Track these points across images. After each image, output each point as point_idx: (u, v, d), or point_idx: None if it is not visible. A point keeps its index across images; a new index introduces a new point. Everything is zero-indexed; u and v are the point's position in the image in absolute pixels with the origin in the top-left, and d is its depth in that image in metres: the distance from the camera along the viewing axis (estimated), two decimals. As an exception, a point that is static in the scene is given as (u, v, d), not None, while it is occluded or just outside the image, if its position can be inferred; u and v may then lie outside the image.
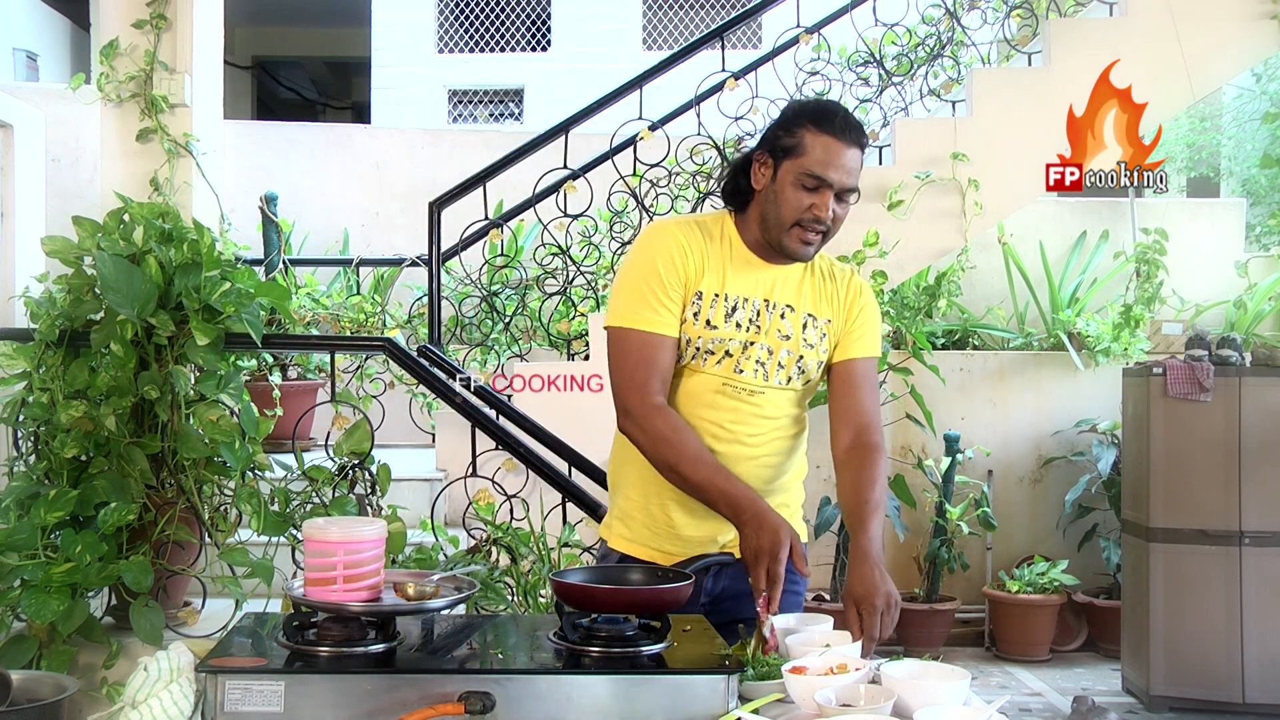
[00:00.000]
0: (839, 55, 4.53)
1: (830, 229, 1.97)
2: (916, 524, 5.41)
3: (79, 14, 8.50)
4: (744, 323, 1.99)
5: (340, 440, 3.12)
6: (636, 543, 2.06)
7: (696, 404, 2.01)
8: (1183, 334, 5.42)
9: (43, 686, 2.24)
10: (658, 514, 2.03)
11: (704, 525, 2.02)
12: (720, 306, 1.98)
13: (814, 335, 2.05)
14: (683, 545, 2.03)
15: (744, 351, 1.99)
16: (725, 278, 2.00)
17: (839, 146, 1.91)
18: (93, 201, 4.48)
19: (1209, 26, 4.27)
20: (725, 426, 2.01)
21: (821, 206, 1.92)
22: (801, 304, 2.04)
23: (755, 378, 2.00)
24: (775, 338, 2.01)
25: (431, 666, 1.61)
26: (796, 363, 2.04)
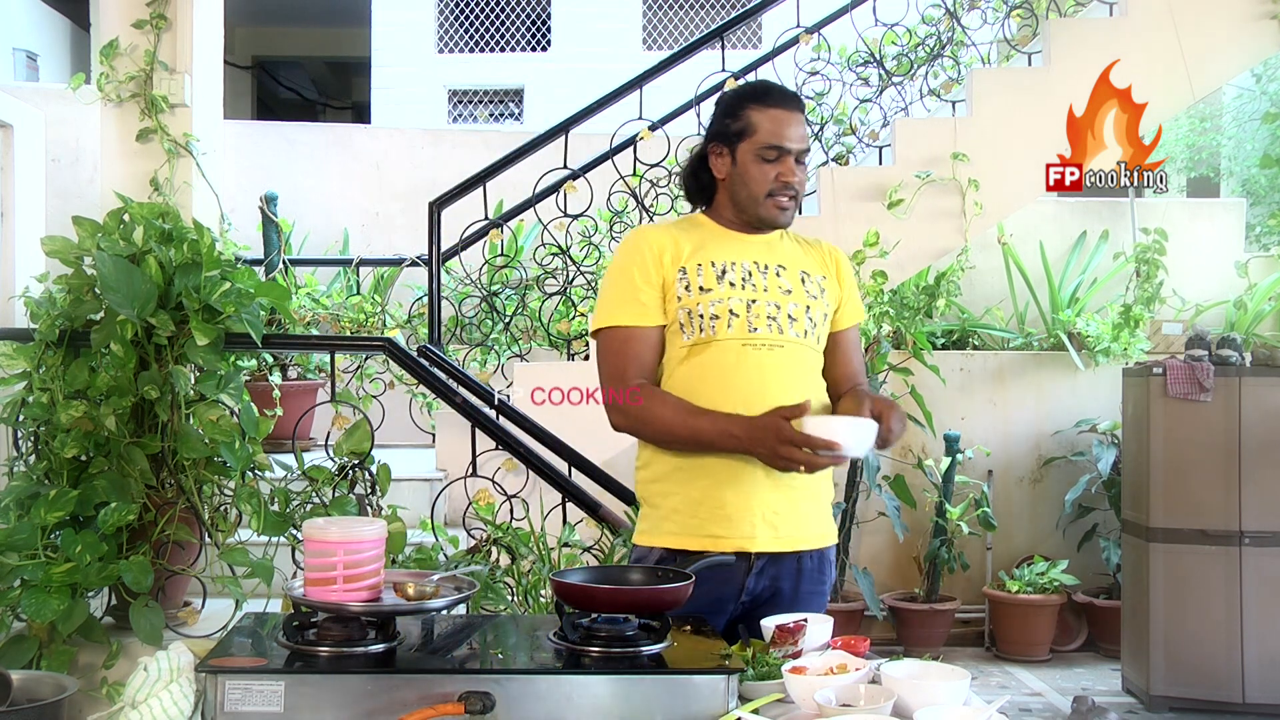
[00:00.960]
0: (839, 55, 4.53)
1: (799, 195, 2.08)
2: (916, 524, 5.41)
3: (79, 14, 8.50)
4: (737, 282, 2.04)
5: (340, 440, 3.12)
6: (684, 534, 2.03)
7: (722, 371, 2.01)
8: (1183, 334, 5.41)
9: (43, 686, 2.24)
10: (703, 499, 2.02)
11: (746, 499, 2.00)
12: (709, 271, 2.04)
13: (814, 288, 2.10)
14: (729, 526, 2.01)
15: (749, 310, 2.02)
16: (708, 250, 2.07)
17: (786, 114, 2.05)
18: (93, 201, 4.48)
19: (1209, 26, 4.27)
20: (757, 387, 1.99)
21: (787, 172, 2.04)
22: (792, 263, 2.11)
23: (771, 332, 2.03)
24: (778, 293, 2.06)
25: (431, 666, 1.61)
26: (806, 313, 2.07)
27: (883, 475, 5.23)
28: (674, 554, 2.03)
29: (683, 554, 2.00)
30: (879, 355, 5.13)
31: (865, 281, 4.11)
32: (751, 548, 2.02)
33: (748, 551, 2.02)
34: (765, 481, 2.00)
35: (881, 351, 5.14)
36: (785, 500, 2.03)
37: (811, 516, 2.08)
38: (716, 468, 2.00)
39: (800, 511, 2.05)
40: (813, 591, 2.06)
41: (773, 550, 2.03)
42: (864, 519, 5.30)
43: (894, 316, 5.22)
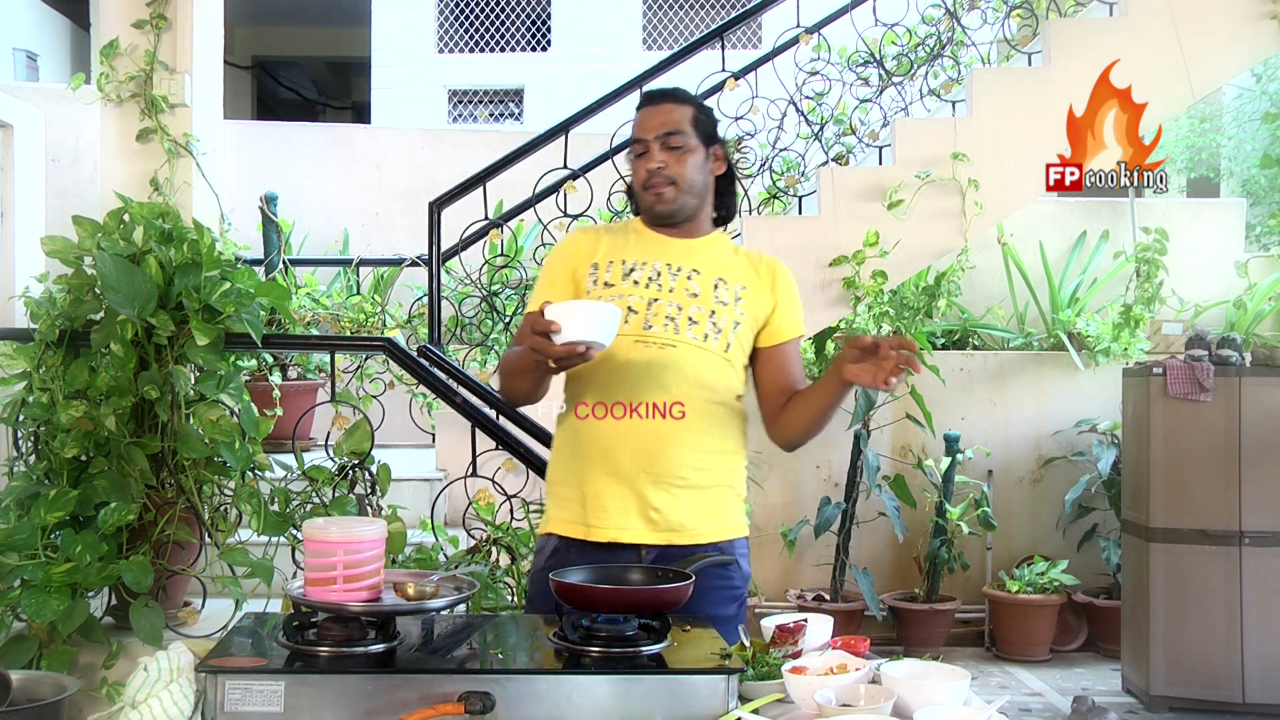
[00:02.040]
0: (839, 55, 4.53)
1: (677, 178, 2.11)
2: (916, 524, 5.41)
3: (79, 14, 8.50)
4: (642, 280, 2.10)
5: (340, 440, 3.12)
6: (572, 522, 2.10)
7: (612, 364, 2.07)
8: (1183, 334, 5.42)
9: (43, 686, 2.24)
10: (587, 489, 2.08)
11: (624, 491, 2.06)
12: (617, 268, 2.12)
13: (726, 295, 2.13)
14: (604, 517, 2.07)
15: (649, 308, 2.09)
16: (626, 250, 2.15)
17: (646, 110, 2.16)
18: (93, 201, 4.48)
19: (1209, 26, 4.27)
20: (641, 382, 2.06)
21: (649, 159, 2.12)
22: (711, 269, 2.15)
23: (666, 331, 2.08)
24: (683, 295, 2.11)
25: (431, 666, 1.61)
26: (709, 318, 2.10)
27: (883, 475, 5.23)
28: (565, 541, 2.10)
29: (570, 541, 2.09)
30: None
31: (865, 281, 4.11)
32: (624, 539, 2.06)
33: (635, 544, 2.07)
34: (647, 476, 2.05)
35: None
36: (668, 495, 2.06)
37: (704, 511, 2.10)
38: (602, 460, 2.06)
39: (687, 506, 2.08)
40: (715, 586, 2.05)
41: (655, 543, 2.07)
42: (864, 519, 5.30)
43: (894, 316, 5.22)
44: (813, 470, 5.65)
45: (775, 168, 4.49)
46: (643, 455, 2.05)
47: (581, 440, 2.10)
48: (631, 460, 2.05)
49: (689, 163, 2.12)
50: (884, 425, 5.45)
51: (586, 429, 2.09)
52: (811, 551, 5.43)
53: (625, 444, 2.06)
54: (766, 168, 4.46)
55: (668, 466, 2.06)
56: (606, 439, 2.07)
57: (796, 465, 5.60)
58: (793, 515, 5.47)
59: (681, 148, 2.11)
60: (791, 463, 5.60)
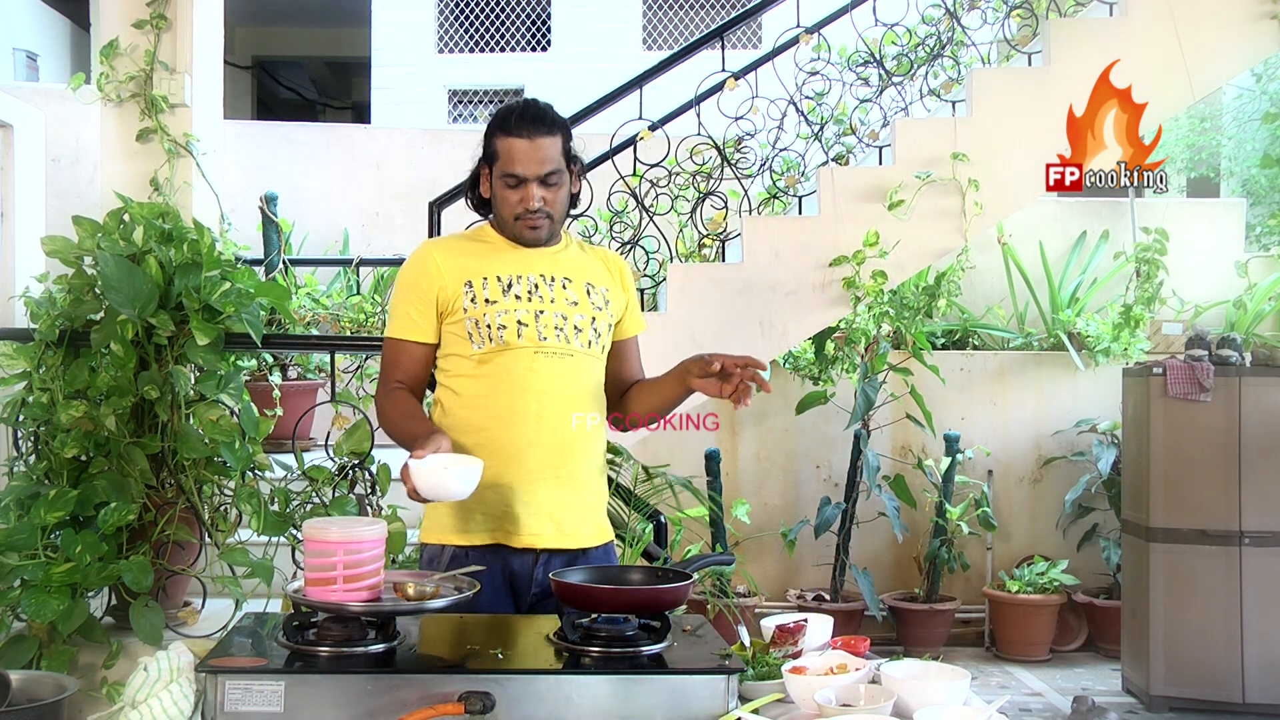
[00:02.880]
0: (839, 55, 4.53)
1: (553, 212, 2.13)
2: (916, 524, 5.41)
3: (79, 14, 8.49)
4: (523, 294, 2.11)
5: (340, 440, 3.12)
6: (478, 532, 2.10)
7: (515, 378, 2.08)
8: (1183, 334, 5.41)
9: (43, 686, 2.24)
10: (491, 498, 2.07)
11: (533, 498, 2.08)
12: (494, 284, 2.11)
13: (598, 299, 2.18)
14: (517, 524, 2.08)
15: (538, 320, 2.10)
16: (494, 263, 2.14)
17: (520, 143, 2.08)
18: (93, 201, 4.47)
19: (1209, 26, 4.27)
20: (548, 394, 2.08)
21: (528, 198, 2.09)
22: (578, 275, 2.18)
23: (559, 341, 2.11)
24: (565, 305, 2.14)
25: (431, 666, 1.61)
26: (591, 324, 2.15)
27: (883, 475, 5.23)
28: (465, 550, 2.09)
29: (471, 549, 2.08)
30: (879, 355, 5.13)
31: (865, 281, 4.11)
32: (539, 544, 2.09)
33: (535, 549, 2.09)
34: (552, 482, 2.09)
35: (881, 352, 5.14)
36: (569, 500, 2.10)
37: (591, 515, 2.16)
38: (502, 468, 2.05)
39: (581, 511, 2.13)
40: None
41: (559, 548, 2.10)
42: (864, 519, 5.30)
43: (894, 316, 5.22)
44: (813, 470, 5.64)
45: (775, 168, 4.48)
46: (554, 461, 2.09)
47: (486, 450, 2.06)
48: (544, 467, 2.08)
49: (562, 195, 2.15)
50: (884, 425, 5.45)
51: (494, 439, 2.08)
52: (811, 551, 5.43)
53: (536, 451, 2.08)
54: (766, 168, 4.46)
55: (572, 471, 2.10)
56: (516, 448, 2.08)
57: (796, 465, 5.60)
58: (793, 515, 5.47)
59: (557, 184, 2.13)
60: (791, 463, 5.60)
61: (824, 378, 5.26)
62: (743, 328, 4.10)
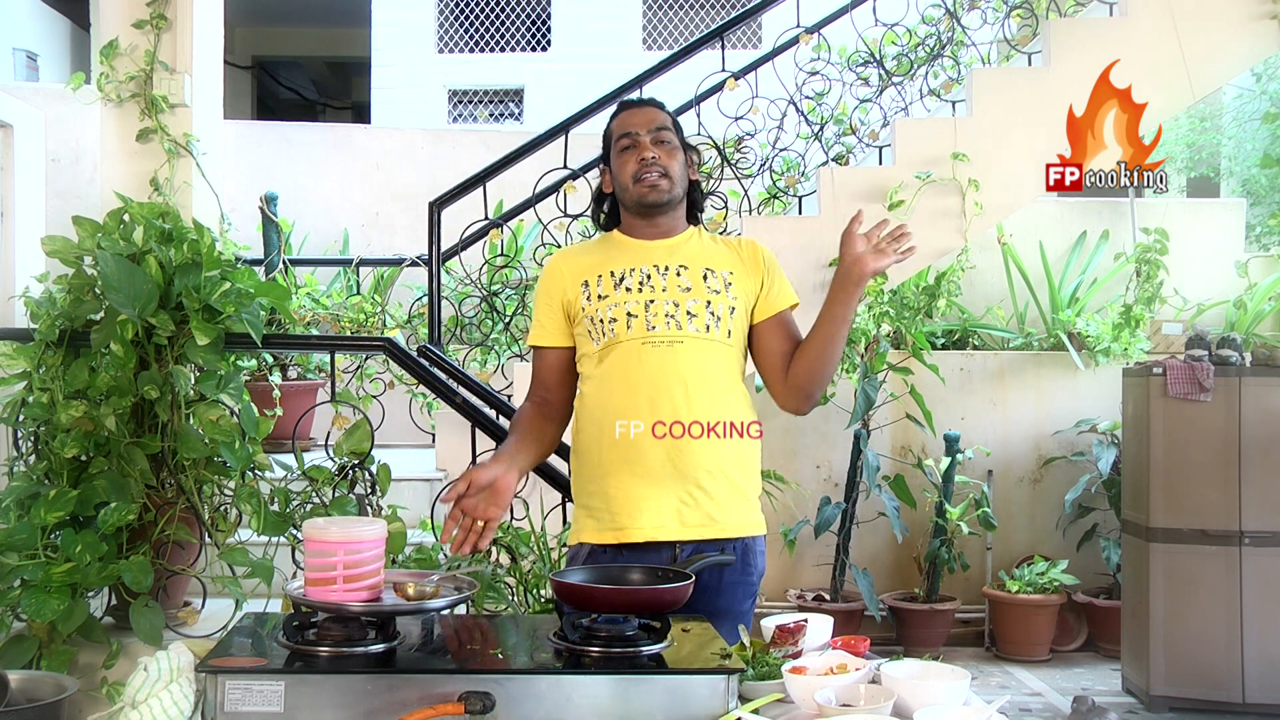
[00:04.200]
0: (839, 55, 4.53)
1: (670, 171, 2.18)
2: (916, 524, 5.41)
3: (79, 14, 8.49)
4: (634, 287, 2.16)
5: (340, 440, 3.12)
6: (604, 530, 2.13)
7: (627, 369, 2.12)
8: (1183, 334, 5.42)
9: (43, 686, 2.24)
10: (614, 494, 2.12)
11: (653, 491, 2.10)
12: (607, 280, 2.18)
13: (717, 283, 2.18)
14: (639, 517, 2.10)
15: (648, 310, 2.14)
16: (612, 260, 2.20)
17: (630, 112, 2.25)
18: (93, 201, 4.47)
19: (1209, 26, 4.27)
20: (659, 381, 2.10)
21: (642, 148, 2.18)
22: (696, 262, 2.20)
23: (669, 329, 2.13)
24: (677, 292, 2.16)
25: (431, 666, 1.61)
26: (707, 308, 2.16)
27: (883, 475, 5.23)
28: (596, 549, 2.13)
29: (604, 548, 2.12)
30: (879, 355, 5.13)
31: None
32: (660, 536, 2.10)
33: (670, 541, 2.10)
34: (674, 474, 2.10)
35: (881, 351, 5.14)
36: (695, 493, 2.11)
37: (728, 508, 2.15)
38: (627, 464, 2.10)
39: (713, 504, 2.13)
40: (735, 582, 2.13)
41: (687, 539, 2.11)
42: (864, 519, 5.30)
43: (894, 316, 5.22)
44: (813, 470, 5.64)
45: (775, 168, 4.48)
46: (670, 452, 2.09)
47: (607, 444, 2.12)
48: (660, 458, 2.09)
49: (678, 159, 2.21)
50: (884, 425, 5.45)
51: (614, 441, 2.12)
52: (811, 551, 5.43)
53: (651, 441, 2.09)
54: (766, 168, 4.46)
55: (692, 460, 2.10)
56: (633, 447, 2.10)
57: (796, 465, 5.60)
58: (793, 515, 5.47)
59: (670, 143, 2.20)
60: (791, 463, 5.60)
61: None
62: (743, 328, 4.09)
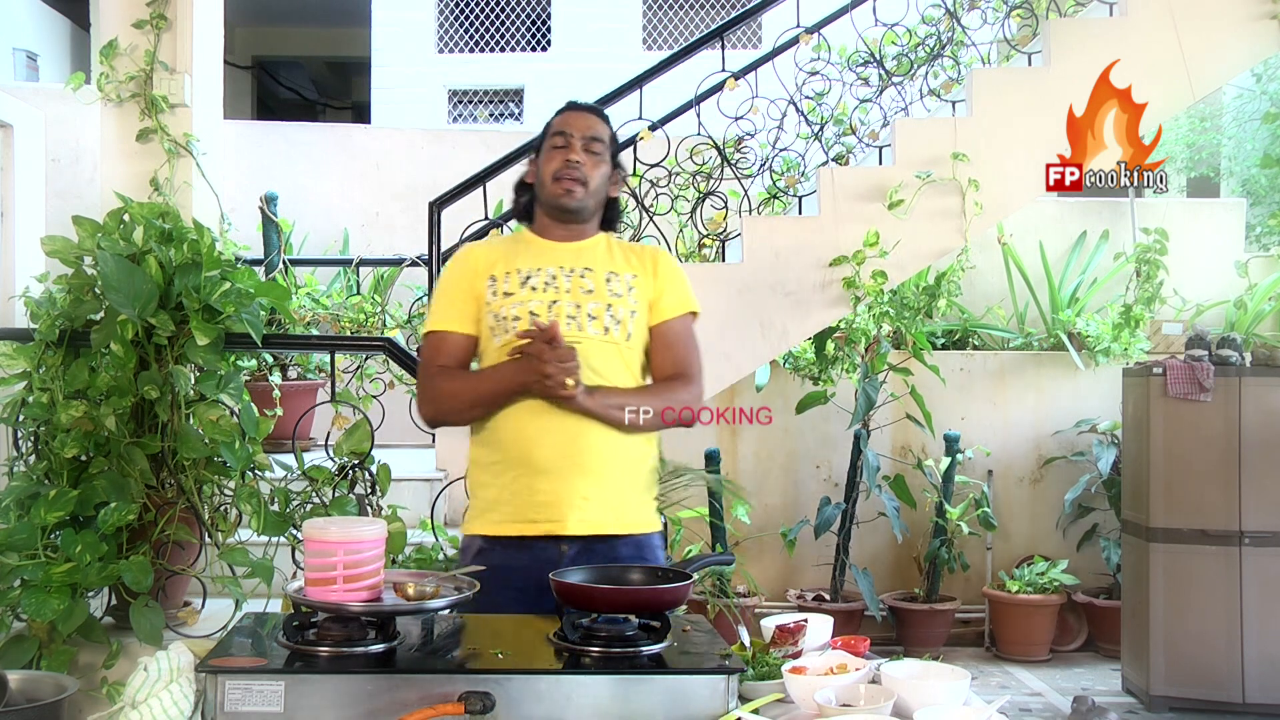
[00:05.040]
0: (839, 55, 4.53)
1: (589, 180, 2.22)
2: (916, 524, 5.41)
3: (79, 14, 8.49)
4: (539, 286, 2.20)
5: (340, 440, 3.12)
6: (503, 522, 2.16)
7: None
8: (1183, 334, 5.41)
9: (43, 686, 2.24)
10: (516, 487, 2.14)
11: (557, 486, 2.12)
12: (514, 278, 2.22)
13: (619, 286, 2.23)
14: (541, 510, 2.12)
15: (550, 310, 2.17)
16: (520, 259, 2.24)
17: (573, 114, 2.29)
18: (93, 201, 4.47)
19: (1209, 26, 4.27)
20: None
21: (571, 150, 2.22)
22: (601, 266, 2.25)
23: (570, 330, 2.15)
24: (580, 294, 2.20)
25: (431, 666, 1.61)
26: (607, 311, 2.20)
27: (883, 475, 5.23)
28: (492, 541, 2.15)
29: (500, 540, 2.14)
30: (879, 355, 5.12)
31: (865, 281, 4.11)
32: (562, 531, 2.12)
33: (559, 535, 2.12)
34: (576, 469, 2.12)
35: (881, 351, 5.13)
36: (596, 487, 2.13)
37: (626, 504, 2.18)
38: (530, 458, 2.13)
39: (613, 499, 2.16)
40: None
41: (583, 534, 2.13)
42: (864, 519, 5.30)
43: (894, 316, 5.22)
44: (813, 470, 5.64)
45: (775, 168, 4.48)
46: (565, 448, 2.12)
47: (503, 442, 2.16)
48: (554, 454, 2.12)
49: (600, 171, 2.25)
50: (884, 425, 5.45)
51: (507, 430, 2.15)
52: (811, 551, 5.43)
53: (546, 439, 2.12)
54: (766, 168, 4.46)
55: (589, 458, 2.13)
56: (527, 438, 2.13)
57: (796, 465, 5.60)
58: (793, 515, 5.47)
59: (599, 155, 2.25)
60: (791, 463, 5.60)
61: (824, 378, 5.25)
62: (743, 328, 4.10)
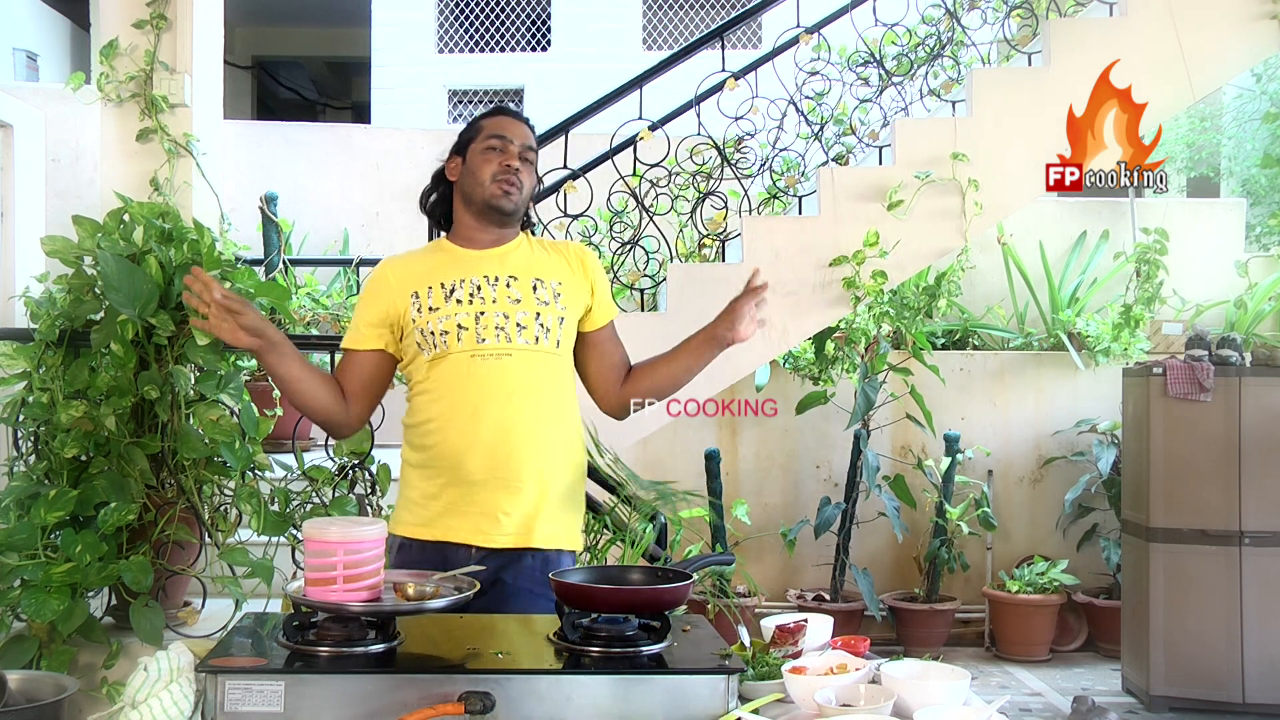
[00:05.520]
0: (839, 55, 4.53)
1: (524, 184, 2.22)
2: (916, 524, 5.41)
3: (79, 14, 8.49)
4: (464, 299, 2.17)
5: (340, 440, 3.11)
6: (421, 525, 2.17)
7: (455, 381, 2.15)
8: (1183, 334, 5.42)
9: (43, 686, 2.24)
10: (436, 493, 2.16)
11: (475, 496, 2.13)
12: (438, 291, 2.18)
13: (546, 293, 2.21)
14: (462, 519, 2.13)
15: (478, 322, 2.15)
16: (441, 271, 2.21)
17: (508, 119, 2.26)
18: (93, 201, 4.47)
19: (1209, 26, 4.27)
20: (487, 395, 2.13)
21: (509, 156, 2.20)
22: (526, 272, 2.22)
23: (499, 341, 2.15)
24: (506, 304, 2.18)
25: (431, 666, 1.61)
26: (536, 319, 2.18)
27: (883, 475, 5.23)
28: (410, 542, 2.16)
29: (416, 543, 2.15)
30: (879, 355, 5.13)
31: (865, 281, 4.11)
32: (481, 542, 2.12)
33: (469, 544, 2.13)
34: (492, 483, 2.12)
35: (881, 352, 5.13)
36: (513, 501, 2.13)
37: (543, 519, 2.16)
38: (445, 469, 2.14)
39: (529, 513, 2.14)
40: (532, 590, 2.12)
41: (497, 547, 2.13)
42: (864, 519, 5.30)
43: (894, 316, 5.22)
44: (813, 470, 5.64)
45: (775, 168, 4.48)
46: (491, 462, 2.12)
47: (433, 448, 2.16)
48: (483, 466, 2.12)
49: (530, 180, 2.26)
50: (884, 425, 5.45)
51: (438, 438, 2.16)
52: (811, 551, 5.43)
53: (477, 451, 2.11)
54: (766, 168, 4.46)
55: (513, 471, 2.12)
56: (458, 449, 2.13)
57: (796, 465, 5.60)
58: (793, 515, 5.47)
59: (531, 164, 2.26)
60: (791, 463, 5.60)
61: (824, 378, 5.26)
62: (743, 327, 4.09)
